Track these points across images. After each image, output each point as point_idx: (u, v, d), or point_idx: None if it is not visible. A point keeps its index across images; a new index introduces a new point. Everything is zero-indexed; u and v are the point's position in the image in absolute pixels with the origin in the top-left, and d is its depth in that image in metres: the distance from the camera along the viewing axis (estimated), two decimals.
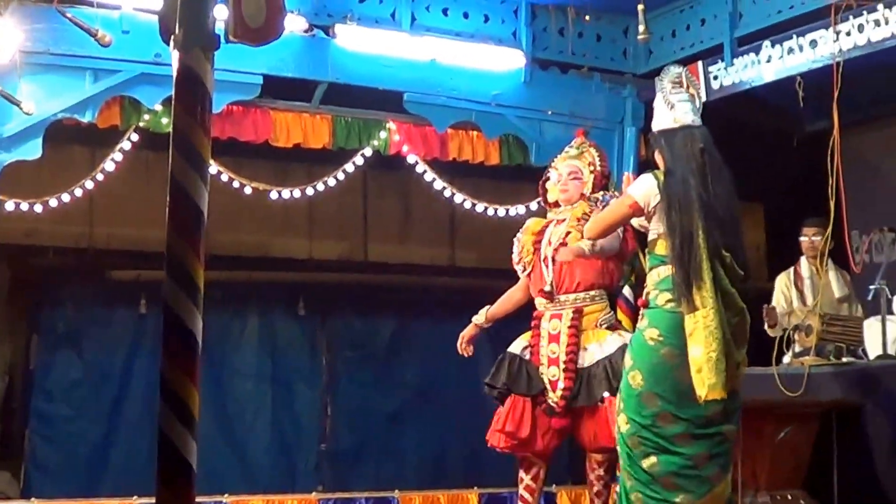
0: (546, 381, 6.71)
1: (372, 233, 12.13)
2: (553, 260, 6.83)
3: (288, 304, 11.69)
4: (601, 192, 6.98)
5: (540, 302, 6.93)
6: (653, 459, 5.53)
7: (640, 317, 5.81)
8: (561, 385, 6.64)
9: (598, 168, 7.09)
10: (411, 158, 10.12)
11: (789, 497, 7.32)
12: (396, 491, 9.95)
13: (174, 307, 3.19)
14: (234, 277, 11.15)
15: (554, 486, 9.96)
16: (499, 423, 6.81)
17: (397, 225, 12.13)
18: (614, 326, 6.87)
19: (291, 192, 10.09)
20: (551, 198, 7.15)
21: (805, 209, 9.22)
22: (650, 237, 5.76)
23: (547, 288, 6.83)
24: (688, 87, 5.91)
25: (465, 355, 7.21)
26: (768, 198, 12.72)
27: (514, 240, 7.23)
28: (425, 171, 10.21)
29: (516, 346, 6.93)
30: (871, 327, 8.04)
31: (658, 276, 5.68)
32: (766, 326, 8.32)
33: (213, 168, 9.45)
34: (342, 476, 11.36)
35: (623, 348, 6.26)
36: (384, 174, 11.59)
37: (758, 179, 11.81)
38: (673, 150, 5.72)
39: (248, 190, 9.86)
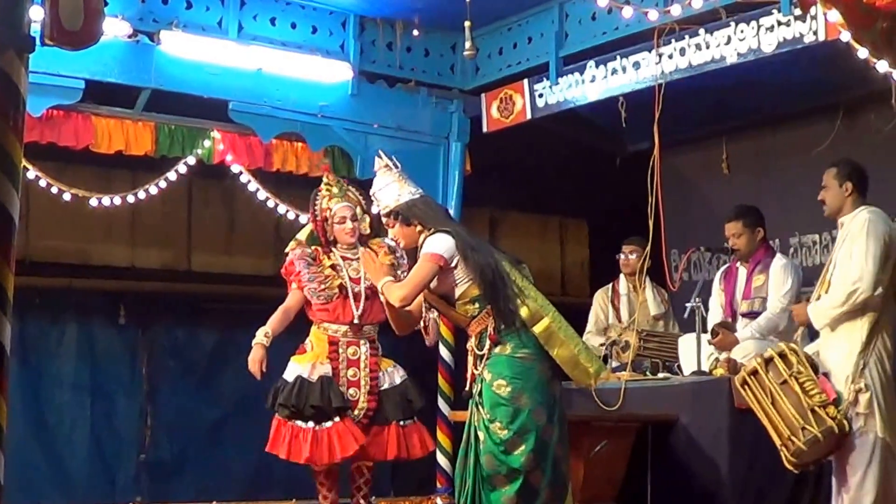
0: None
1: (196, 242, 11.96)
2: (366, 296, 7.28)
3: (108, 313, 11.45)
4: (392, 241, 7.21)
5: (336, 329, 7.35)
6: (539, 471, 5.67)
7: (493, 345, 5.81)
8: (363, 405, 7.26)
9: (367, 209, 7.42)
10: (236, 168, 10.05)
11: None
12: (215, 502, 9.87)
13: None
14: (52, 284, 10.91)
15: (374, 497, 9.97)
16: (312, 440, 7.14)
17: (221, 234, 11.99)
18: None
19: (112, 199, 9.93)
20: (329, 236, 7.46)
21: (627, 227, 9.39)
22: (462, 288, 5.85)
23: (356, 321, 7.29)
24: None
25: (259, 377, 7.39)
26: (592, 215, 12.93)
27: (306, 264, 7.39)
28: (249, 181, 10.15)
29: (309, 370, 7.26)
30: (685, 343, 8.22)
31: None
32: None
33: (32, 173, 9.26)
34: (162, 487, 11.17)
35: (409, 380, 7.37)
36: (208, 183, 11.46)
37: (582, 197, 12.03)
38: (435, 213, 6.07)
39: (66, 196, 9.68)
